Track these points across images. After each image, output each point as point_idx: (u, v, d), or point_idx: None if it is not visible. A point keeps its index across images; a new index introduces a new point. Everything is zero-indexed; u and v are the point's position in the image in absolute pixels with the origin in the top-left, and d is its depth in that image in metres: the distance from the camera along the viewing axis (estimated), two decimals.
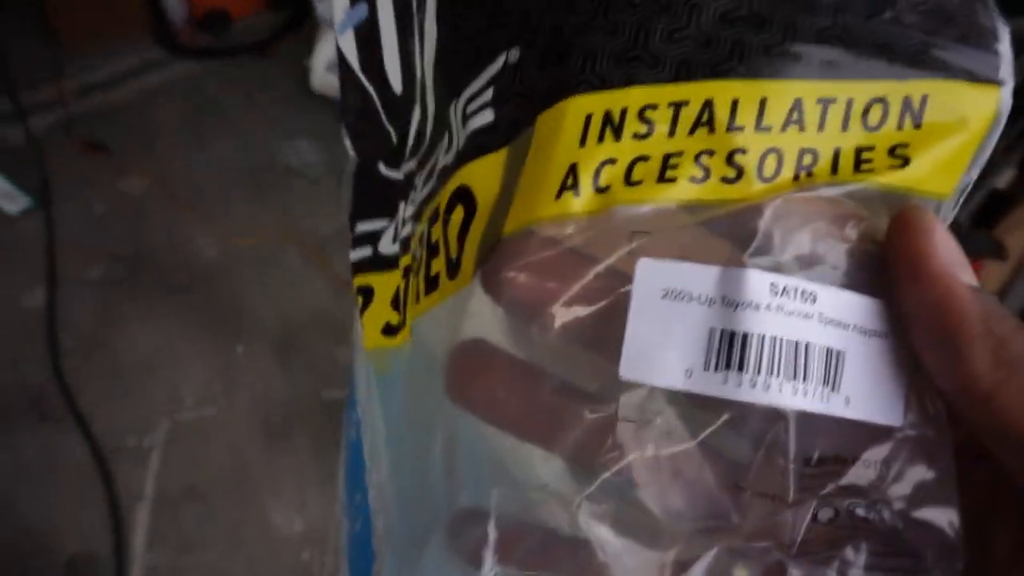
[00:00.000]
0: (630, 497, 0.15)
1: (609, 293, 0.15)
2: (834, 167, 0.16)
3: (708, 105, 0.16)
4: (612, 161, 0.16)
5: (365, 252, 0.22)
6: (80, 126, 1.33)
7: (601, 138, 0.16)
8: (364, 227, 0.22)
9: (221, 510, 0.99)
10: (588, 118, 0.16)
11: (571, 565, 0.16)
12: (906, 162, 0.16)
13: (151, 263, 1.21)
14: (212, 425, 1.05)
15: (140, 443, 1.03)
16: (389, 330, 0.21)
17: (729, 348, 0.15)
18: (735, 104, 0.15)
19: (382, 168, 0.22)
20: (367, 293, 0.21)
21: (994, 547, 0.16)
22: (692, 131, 0.16)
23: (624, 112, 0.16)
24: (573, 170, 0.16)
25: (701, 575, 0.15)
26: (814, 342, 0.15)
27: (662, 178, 0.16)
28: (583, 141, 0.16)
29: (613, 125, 0.16)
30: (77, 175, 1.28)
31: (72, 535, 0.97)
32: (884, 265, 0.16)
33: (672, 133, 0.16)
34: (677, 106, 0.16)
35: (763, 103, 0.15)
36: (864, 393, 0.15)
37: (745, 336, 0.15)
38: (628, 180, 0.16)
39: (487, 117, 0.17)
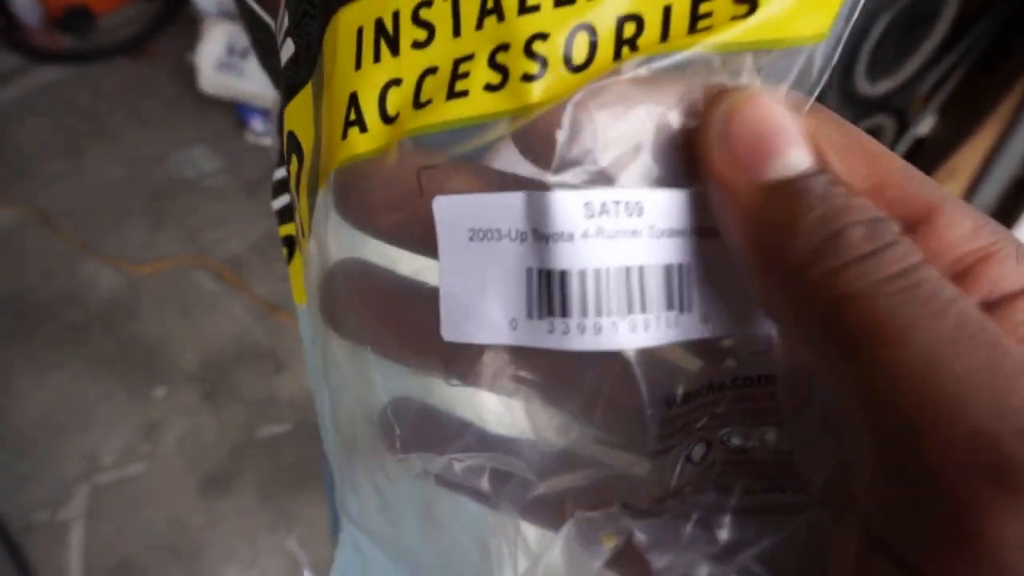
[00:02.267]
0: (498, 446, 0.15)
1: (429, 240, 0.14)
2: (664, 32, 0.13)
3: None
4: (397, 82, 0.14)
5: (285, 199, 0.21)
6: None
7: (377, 56, 0.14)
8: (281, 173, 0.21)
9: None
10: (360, 32, 0.14)
11: None
12: (753, 7, 0.13)
13: (37, 306, 1.11)
14: (139, 485, 0.97)
15: (54, 517, 0.95)
16: None
17: (548, 290, 0.13)
18: None
19: None
20: (290, 243, 0.21)
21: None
22: (479, 24, 0.14)
23: (397, 17, 0.14)
24: (354, 101, 0.14)
25: (563, 546, 0.15)
26: (648, 263, 0.13)
27: (452, 93, 0.14)
28: (358, 63, 0.14)
29: (388, 36, 0.14)
30: None
31: None
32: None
33: (457, 32, 0.14)
34: None
35: None
36: (724, 303, 0.14)
37: (563, 274, 0.13)
38: (417, 102, 0.14)
39: (289, 48, 0.16)
